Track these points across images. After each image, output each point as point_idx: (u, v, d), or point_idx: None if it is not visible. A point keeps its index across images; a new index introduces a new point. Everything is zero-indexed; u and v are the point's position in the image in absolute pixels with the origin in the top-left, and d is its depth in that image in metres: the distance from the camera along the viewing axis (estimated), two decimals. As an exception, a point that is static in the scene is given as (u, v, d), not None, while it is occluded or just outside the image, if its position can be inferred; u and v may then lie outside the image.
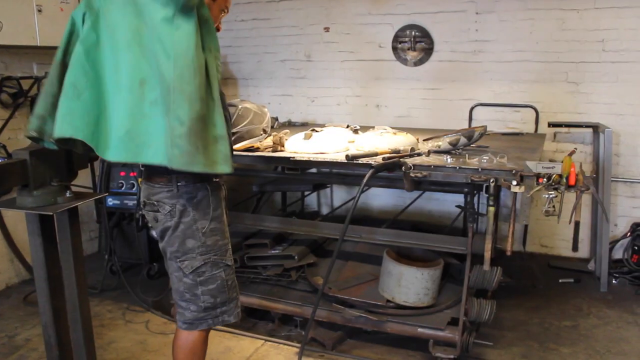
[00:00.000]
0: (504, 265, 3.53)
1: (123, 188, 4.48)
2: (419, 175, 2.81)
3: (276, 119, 4.89)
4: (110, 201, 4.50)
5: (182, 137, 1.95)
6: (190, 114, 1.96)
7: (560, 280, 4.51)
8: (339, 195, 5.66)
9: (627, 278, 4.47)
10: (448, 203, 5.06)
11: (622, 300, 4.16)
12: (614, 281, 4.47)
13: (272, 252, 3.76)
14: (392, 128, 3.62)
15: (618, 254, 4.64)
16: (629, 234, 4.61)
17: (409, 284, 3.20)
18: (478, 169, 2.78)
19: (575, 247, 3.05)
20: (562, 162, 2.68)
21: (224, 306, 2.43)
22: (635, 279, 4.44)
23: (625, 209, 4.80)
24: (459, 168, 2.81)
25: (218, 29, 2.42)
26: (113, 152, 2.12)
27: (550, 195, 2.65)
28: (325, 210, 5.74)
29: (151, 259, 4.53)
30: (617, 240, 4.67)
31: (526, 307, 4.04)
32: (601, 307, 4.06)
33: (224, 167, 2.07)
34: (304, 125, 5.03)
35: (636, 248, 4.49)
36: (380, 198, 5.43)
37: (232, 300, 2.46)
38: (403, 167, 2.84)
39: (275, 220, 3.82)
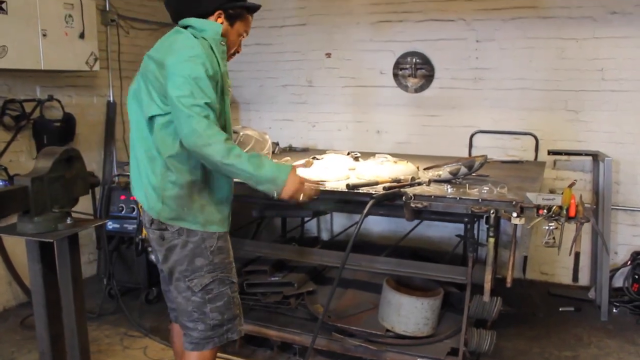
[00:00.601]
0: (504, 293, 3.51)
1: (123, 212, 4.48)
2: (419, 205, 2.82)
3: (277, 144, 4.90)
4: (110, 225, 4.50)
5: (171, 198, 2.32)
6: (181, 180, 2.32)
7: (560, 309, 4.48)
8: (339, 220, 5.66)
9: (628, 307, 4.45)
10: (448, 229, 5.04)
11: (623, 330, 4.13)
12: (614, 310, 4.45)
13: (272, 279, 3.75)
14: (393, 155, 3.63)
15: (618, 282, 4.63)
16: (629, 262, 4.59)
17: (408, 314, 3.19)
18: (478, 199, 2.78)
19: (575, 278, 3.04)
20: (562, 193, 2.69)
21: (230, 323, 2.47)
22: (636, 308, 4.41)
23: (625, 237, 4.79)
24: (460, 199, 2.82)
25: (237, 52, 2.61)
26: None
27: (551, 227, 2.65)
28: (325, 236, 5.73)
29: (150, 284, 4.50)
30: (618, 269, 4.66)
31: (526, 336, 4.02)
32: (602, 337, 4.04)
33: (217, 227, 2.42)
34: (304, 151, 5.05)
35: (637, 277, 4.48)
36: (381, 224, 5.42)
37: (237, 317, 2.51)
38: (403, 197, 2.84)
39: (275, 247, 3.82)
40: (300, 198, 2.37)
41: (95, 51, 4.61)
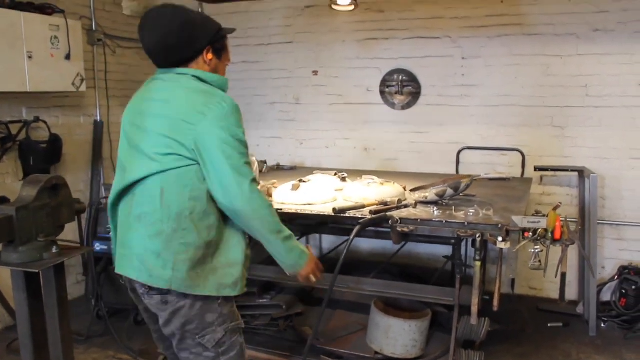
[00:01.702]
0: (492, 309, 3.52)
1: (111, 233, 4.44)
2: (405, 229, 2.83)
3: (265, 162, 4.90)
4: (98, 246, 4.46)
5: (185, 262, 2.10)
6: (198, 241, 2.12)
7: (549, 324, 4.49)
8: (328, 238, 5.64)
9: (616, 322, 4.46)
10: (437, 246, 5.06)
11: (611, 345, 4.15)
12: (602, 325, 4.46)
13: (260, 301, 3.74)
14: (380, 172, 3.66)
15: (606, 296, 4.64)
16: (616, 277, 4.61)
17: (396, 336, 3.20)
18: (464, 223, 2.80)
19: (562, 299, 3.06)
20: (547, 216, 2.71)
21: None
22: (624, 323, 4.43)
23: (612, 252, 4.83)
24: (446, 222, 2.83)
25: None
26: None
27: (536, 250, 2.67)
28: (314, 253, 5.68)
29: (138, 305, 4.47)
30: (605, 283, 4.68)
31: (515, 353, 4.02)
32: (590, 352, 4.05)
33: (229, 291, 2.21)
34: (292, 169, 5.05)
35: (624, 291, 4.49)
36: (370, 241, 5.39)
37: None
38: (390, 221, 2.85)
39: (263, 269, 3.80)
40: (313, 279, 2.48)
41: (82, 72, 4.60)
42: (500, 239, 2.64)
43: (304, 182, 3.40)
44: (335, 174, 3.91)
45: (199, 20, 2.27)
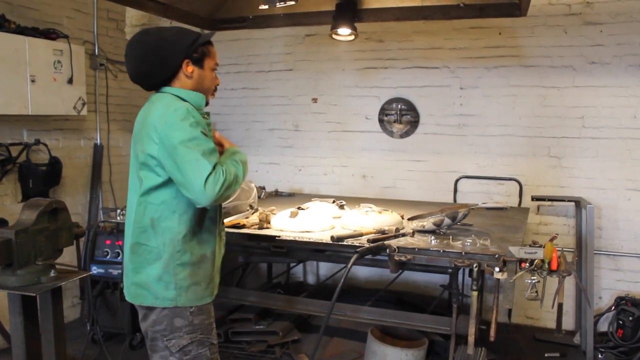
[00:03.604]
0: (489, 340, 3.50)
1: (108, 256, 4.45)
2: (403, 258, 2.84)
3: (263, 188, 4.91)
4: (95, 270, 4.45)
5: (185, 279, 2.28)
6: (193, 258, 2.29)
7: (546, 355, 4.46)
8: (325, 264, 5.63)
9: (613, 353, 4.43)
10: (434, 274, 5.05)
11: (608, 377, 4.13)
12: (600, 356, 4.43)
13: (257, 327, 3.73)
14: (378, 200, 3.67)
15: (603, 326, 4.63)
16: (613, 307, 4.60)
17: (393, 365, 3.19)
18: (461, 252, 2.81)
19: (559, 330, 3.06)
20: (543, 246, 2.72)
21: None
22: (622, 354, 4.40)
23: (609, 282, 4.82)
24: (443, 251, 2.84)
25: (217, 84, 2.49)
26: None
27: (533, 281, 2.68)
28: (311, 279, 5.71)
29: (134, 329, 4.44)
30: (602, 314, 4.67)
31: (512, 384, 4.01)
32: (587, 384, 4.03)
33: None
34: (291, 196, 5.07)
35: (621, 322, 4.48)
36: (367, 268, 5.40)
37: None
38: (387, 250, 2.86)
39: (260, 295, 3.80)
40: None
41: (83, 96, 4.64)
42: (497, 269, 2.65)
43: (302, 209, 3.42)
44: (334, 202, 3.92)
45: (169, 38, 2.30)
